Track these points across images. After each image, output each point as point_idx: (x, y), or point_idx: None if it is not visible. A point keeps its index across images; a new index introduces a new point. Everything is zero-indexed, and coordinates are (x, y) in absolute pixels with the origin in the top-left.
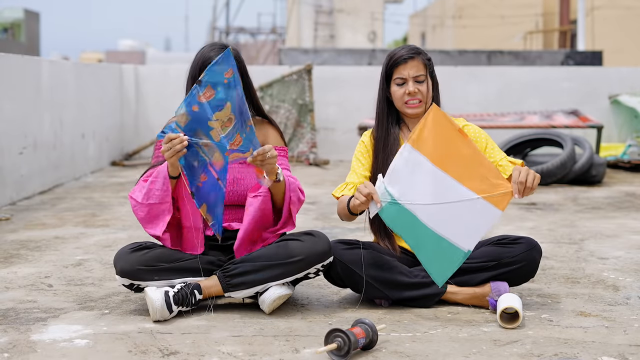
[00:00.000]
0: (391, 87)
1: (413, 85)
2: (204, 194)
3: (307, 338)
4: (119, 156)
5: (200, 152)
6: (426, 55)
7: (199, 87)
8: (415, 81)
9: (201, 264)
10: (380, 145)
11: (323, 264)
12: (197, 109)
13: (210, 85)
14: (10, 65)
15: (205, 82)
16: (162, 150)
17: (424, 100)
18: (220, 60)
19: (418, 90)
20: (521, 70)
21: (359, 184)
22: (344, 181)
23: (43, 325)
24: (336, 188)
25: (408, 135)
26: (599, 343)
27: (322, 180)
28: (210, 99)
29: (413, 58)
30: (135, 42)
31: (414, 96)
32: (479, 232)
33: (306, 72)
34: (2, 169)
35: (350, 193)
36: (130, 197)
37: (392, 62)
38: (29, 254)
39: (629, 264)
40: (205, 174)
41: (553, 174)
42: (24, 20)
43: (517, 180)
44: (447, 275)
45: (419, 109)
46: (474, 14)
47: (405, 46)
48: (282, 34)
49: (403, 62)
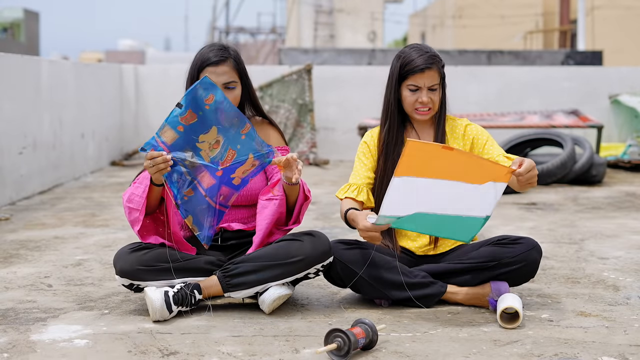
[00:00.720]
0: (402, 90)
1: (426, 95)
2: (190, 207)
3: (307, 338)
4: (118, 156)
5: (184, 170)
6: (441, 62)
7: (179, 110)
8: (429, 89)
9: (201, 264)
10: (391, 149)
11: (323, 264)
12: (182, 130)
13: (191, 110)
14: (10, 65)
15: (186, 106)
16: (145, 166)
17: (433, 108)
18: (198, 86)
19: (430, 99)
20: (521, 70)
21: (361, 185)
22: (346, 181)
23: (43, 325)
24: (339, 189)
25: (413, 135)
26: (599, 343)
27: (322, 180)
28: (192, 123)
29: (430, 68)
30: (135, 42)
31: (425, 105)
32: (490, 202)
33: (306, 72)
34: (2, 169)
35: (352, 195)
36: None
37: (409, 69)
38: (29, 254)
39: (629, 264)
40: (192, 189)
41: (553, 174)
42: (24, 20)
43: (517, 161)
44: (473, 234)
45: (428, 116)
46: (474, 14)
47: (421, 51)
48: (282, 33)
49: (420, 72)
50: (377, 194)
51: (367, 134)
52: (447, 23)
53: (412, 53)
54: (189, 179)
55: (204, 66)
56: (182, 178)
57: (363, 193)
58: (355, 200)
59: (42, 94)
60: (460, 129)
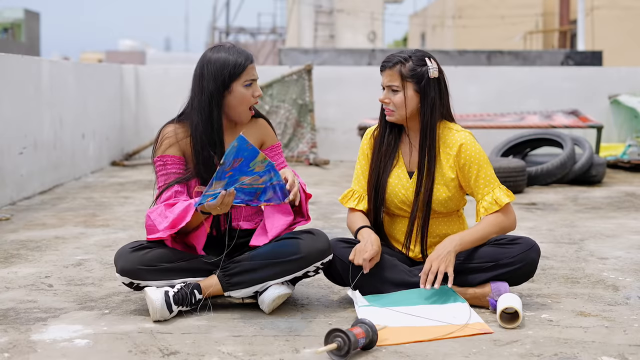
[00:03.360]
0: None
1: (385, 94)
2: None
3: (307, 338)
4: (119, 156)
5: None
6: (410, 66)
7: (223, 167)
8: (391, 90)
9: (202, 264)
10: (383, 149)
11: (323, 262)
12: (231, 174)
13: (234, 160)
14: (10, 65)
15: (229, 161)
16: (212, 209)
17: (397, 111)
18: (235, 144)
19: (390, 99)
20: (521, 70)
21: (364, 193)
22: (347, 182)
23: (43, 325)
24: (342, 195)
25: (406, 140)
26: (598, 343)
27: (322, 180)
28: (238, 165)
29: (389, 67)
30: (135, 42)
31: (386, 105)
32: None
33: (306, 72)
34: (2, 169)
35: (353, 204)
36: (148, 217)
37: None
38: (29, 254)
39: (629, 264)
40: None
41: (553, 174)
42: (24, 20)
43: (425, 271)
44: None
45: (392, 117)
46: (473, 14)
47: (397, 52)
48: (282, 34)
49: (382, 70)
50: (369, 197)
51: (366, 132)
52: (447, 23)
53: (391, 54)
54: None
55: (246, 65)
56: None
57: (364, 202)
58: (361, 211)
59: (42, 94)
60: (455, 148)
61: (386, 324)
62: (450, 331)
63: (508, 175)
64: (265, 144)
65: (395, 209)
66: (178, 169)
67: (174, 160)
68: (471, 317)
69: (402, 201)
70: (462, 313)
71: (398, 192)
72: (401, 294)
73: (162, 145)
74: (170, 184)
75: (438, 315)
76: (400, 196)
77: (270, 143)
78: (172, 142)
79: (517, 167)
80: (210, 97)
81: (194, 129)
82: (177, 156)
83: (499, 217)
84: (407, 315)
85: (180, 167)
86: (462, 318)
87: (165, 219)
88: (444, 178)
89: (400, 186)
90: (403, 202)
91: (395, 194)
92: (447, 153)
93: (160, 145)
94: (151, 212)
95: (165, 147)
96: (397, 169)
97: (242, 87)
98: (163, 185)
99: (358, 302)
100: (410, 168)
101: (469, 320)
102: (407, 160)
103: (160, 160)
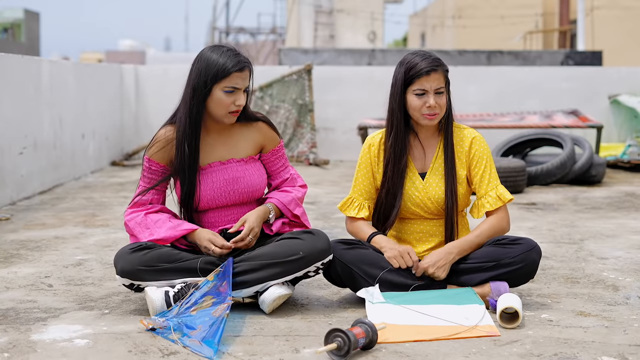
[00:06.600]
0: (408, 95)
1: (434, 99)
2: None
3: (307, 338)
4: (119, 156)
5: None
6: (445, 67)
7: (210, 282)
8: (435, 93)
9: (201, 264)
10: (397, 157)
11: (323, 262)
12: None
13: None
14: (10, 65)
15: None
16: (206, 250)
17: (440, 113)
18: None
19: (437, 103)
20: (521, 70)
21: (363, 201)
22: (347, 182)
23: (43, 325)
24: (341, 202)
25: (416, 144)
26: (598, 343)
27: (322, 180)
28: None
29: (436, 70)
30: (135, 42)
31: (433, 109)
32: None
33: (306, 72)
34: (2, 169)
35: (354, 213)
36: (126, 224)
37: (414, 73)
38: (29, 254)
39: (629, 264)
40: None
41: (553, 174)
42: (24, 20)
43: (426, 263)
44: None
45: (435, 121)
46: (473, 14)
47: (425, 55)
48: (282, 34)
49: (426, 75)
50: (380, 203)
51: (367, 140)
52: (447, 23)
53: (416, 58)
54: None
55: (231, 71)
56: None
57: (364, 210)
58: (363, 219)
59: (42, 94)
60: (467, 142)
61: (394, 322)
62: (457, 332)
63: (508, 175)
64: (265, 148)
65: (407, 212)
66: (159, 177)
67: (158, 168)
68: (483, 319)
69: (416, 204)
70: (475, 315)
71: (412, 194)
72: (422, 293)
73: (153, 147)
74: (147, 190)
75: (451, 315)
76: (414, 199)
77: (271, 147)
78: (161, 147)
79: (517, 167)
80: (193, 92)
81: (178, 120)
82: (162, 164)
83: (495, 220)
84: (418, 313)
85: (162, 175)
86: (474, 320)
87: (146, 229)
88: (459, 176)
89: (413, 189)
90: (417, 205)
91: (409, 197)
92: (459, 151)
93: (152, 147)
94: (130, 219)
95: (154, 150)
96: (409, 172)
97: (221, 92)
98: (143, 189)
99: (374, 299)
100: (423, 169)
101: (480, 322)
102: (419, 162)
103: (147, 162)
